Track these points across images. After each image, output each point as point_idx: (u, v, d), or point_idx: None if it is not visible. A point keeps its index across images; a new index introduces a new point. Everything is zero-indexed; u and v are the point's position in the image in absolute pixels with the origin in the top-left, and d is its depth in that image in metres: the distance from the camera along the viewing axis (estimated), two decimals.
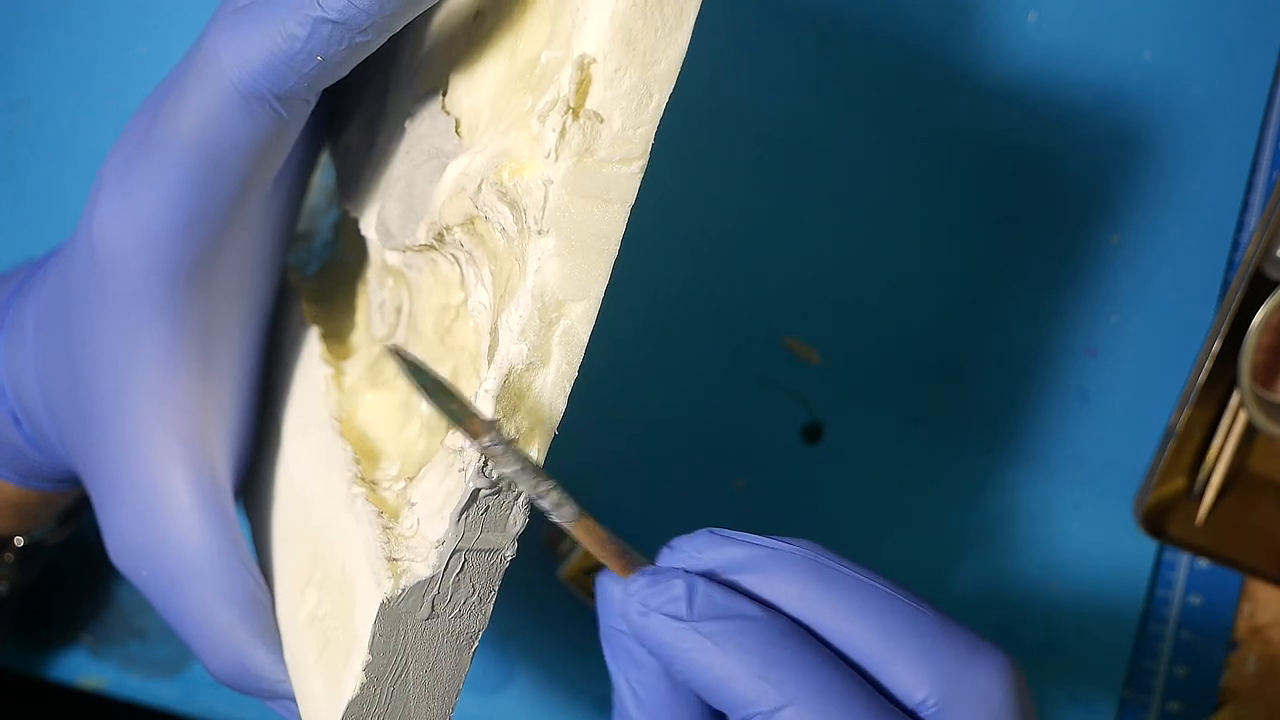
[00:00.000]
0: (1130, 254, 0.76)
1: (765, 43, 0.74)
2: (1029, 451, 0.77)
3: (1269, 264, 0.71)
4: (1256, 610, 0.78)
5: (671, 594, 0.48)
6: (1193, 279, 0.76)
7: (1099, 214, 0.76)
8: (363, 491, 0.51)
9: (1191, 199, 0.76)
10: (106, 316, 0.53)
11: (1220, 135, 0.76)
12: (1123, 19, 0.75)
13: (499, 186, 0.46)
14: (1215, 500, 0.74)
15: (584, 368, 0.47)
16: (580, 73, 0.44)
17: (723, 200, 0.75)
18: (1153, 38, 0.76)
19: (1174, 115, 0.76)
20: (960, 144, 0.75)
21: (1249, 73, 0.76)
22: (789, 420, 0.76)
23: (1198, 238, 0.76)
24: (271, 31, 0.47)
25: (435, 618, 0.48)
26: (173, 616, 0.55)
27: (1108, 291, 0.76)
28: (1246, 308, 0.72)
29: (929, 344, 0.76)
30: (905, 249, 0.75)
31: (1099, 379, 0.76)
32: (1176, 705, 0.77)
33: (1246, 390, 0.72)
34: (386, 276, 0.57)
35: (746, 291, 0.75)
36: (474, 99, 0.51)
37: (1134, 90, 0.76)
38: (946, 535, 0.76)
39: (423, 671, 0.49)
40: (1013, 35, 0.75)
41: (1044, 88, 0.75)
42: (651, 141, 0.45)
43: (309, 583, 0.53)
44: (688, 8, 0.44)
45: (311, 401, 0.57)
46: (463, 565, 0.48)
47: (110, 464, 0.55)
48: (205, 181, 0.50)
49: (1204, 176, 0.76)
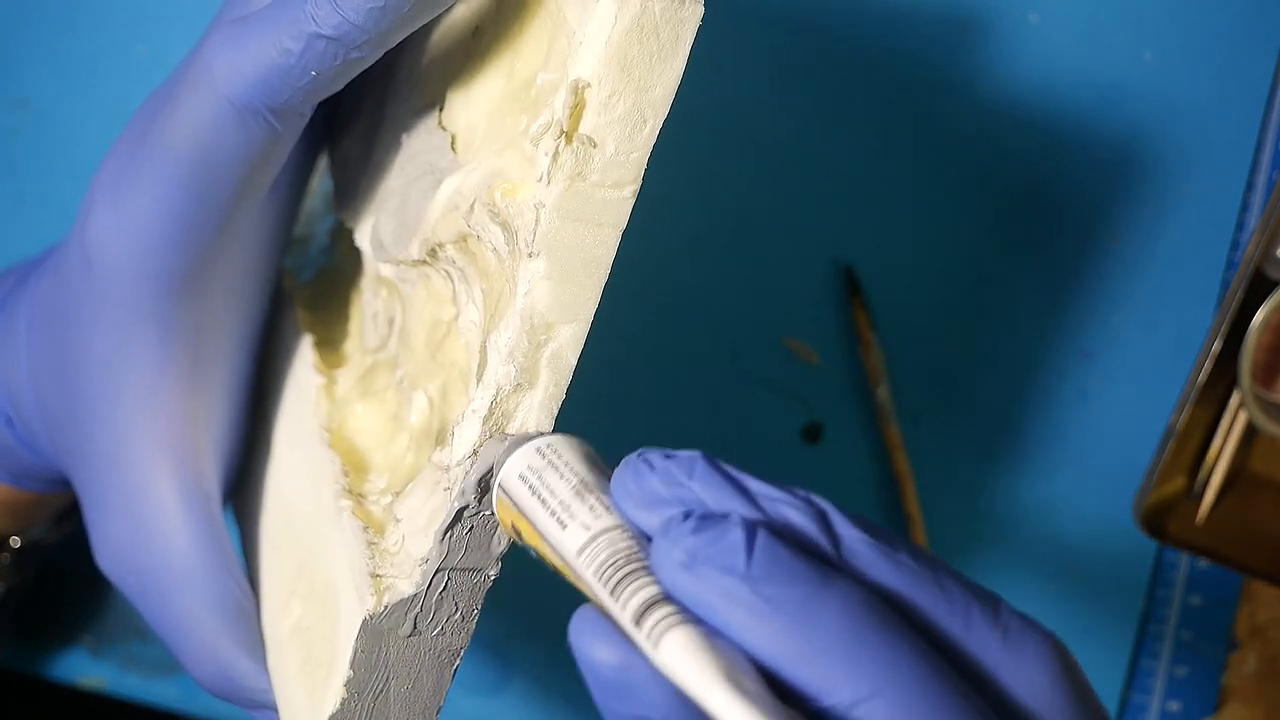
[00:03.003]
0: (1130, 254, 0.76)
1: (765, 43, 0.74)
2: (1029, 451, 0.77)
3: (1269, 264, 0.71)
4: (1256, 610, 0.78)
5: (727, 542, 0.38)
6: (1193, 279, 0.76)
7: (1099, 214, 0.76)
8: (350, 505, 0.52)
9: (1191, 199, 0.76)
10: (98, 323, 0.53)
11: (1220, 135, 0.76)
12: (1123, 19, 0.75)
13: (491, 207, 0.46)
14: (1215, 500, 0.74)
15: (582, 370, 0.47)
16: (574, 97, 0.44)
17: (723, 201, 0.75)
18: (1153, 38, 0.75)
19: (1174, 115, 0.76)
20: (960, 144, 0.75)
21: (1249, 73, 0.75)
22: (789, 420, 0.76)
23: (1198, 238, 0.76)
24: (266, 45, 0.47)
25: (418, 635, 0.48)
26: (158, 623, 0.55)
27: (1108, 291, 0.76)
28: (1246, 308, 0.71)
29: (929, 344, 0.76)
30: (905, 249, 0.75)
31: (1099, 379, 0.76)
32: (1176, 705, 0.77)
33: (1246, 390, 0.72)
34: (380, 288, 0.57)
35: (746, 291, 0.75)
36: (470, 115, 0.51)
37: (1134, 90, 0.75)
38: (946, 535, 0.76)
39: (404, 688, 0.49)
40: (1013, 35, 0.75)
41: (1044, 88, 0.75)
42: (645, 167, 0.45)
43: (294, 593, 0.53)
44: (683, 34, 0.44)
45: (302, 411, 0.57)
46: (446, 584, 0.48)
47: (99, 469, 0.55)
48: (199, 192, 0.50)
49: (1204, 176, 0.76)
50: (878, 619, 0.38)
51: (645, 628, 0.38)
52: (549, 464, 0.43)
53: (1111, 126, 0.75)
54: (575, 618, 0.39)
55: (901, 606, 0.39)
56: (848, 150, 0.75)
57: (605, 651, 0.38)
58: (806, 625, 0.37)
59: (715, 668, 0.36)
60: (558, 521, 0.41)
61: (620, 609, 0.39)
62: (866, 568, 0.40)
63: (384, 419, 0.56)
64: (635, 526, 0.41)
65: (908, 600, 0.39)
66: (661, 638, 0.37)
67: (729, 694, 0.36)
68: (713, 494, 0.40)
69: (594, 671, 0.38)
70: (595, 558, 0.40)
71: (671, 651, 0.37)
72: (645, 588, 0.39)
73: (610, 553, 0.40)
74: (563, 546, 0.41)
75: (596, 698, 0.38)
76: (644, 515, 0.40)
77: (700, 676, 0.36)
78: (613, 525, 0.41)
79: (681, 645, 0.37)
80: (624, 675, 0.37)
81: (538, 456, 0.44)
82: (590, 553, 0.40)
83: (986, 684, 0.39)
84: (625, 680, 0.37)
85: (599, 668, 0.38)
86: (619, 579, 0.39)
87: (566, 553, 0.41)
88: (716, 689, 0.36)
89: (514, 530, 0.44)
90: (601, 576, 0.39)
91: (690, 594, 0.38)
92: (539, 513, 0.42)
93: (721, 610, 0.38)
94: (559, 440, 0.44)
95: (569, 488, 0.42)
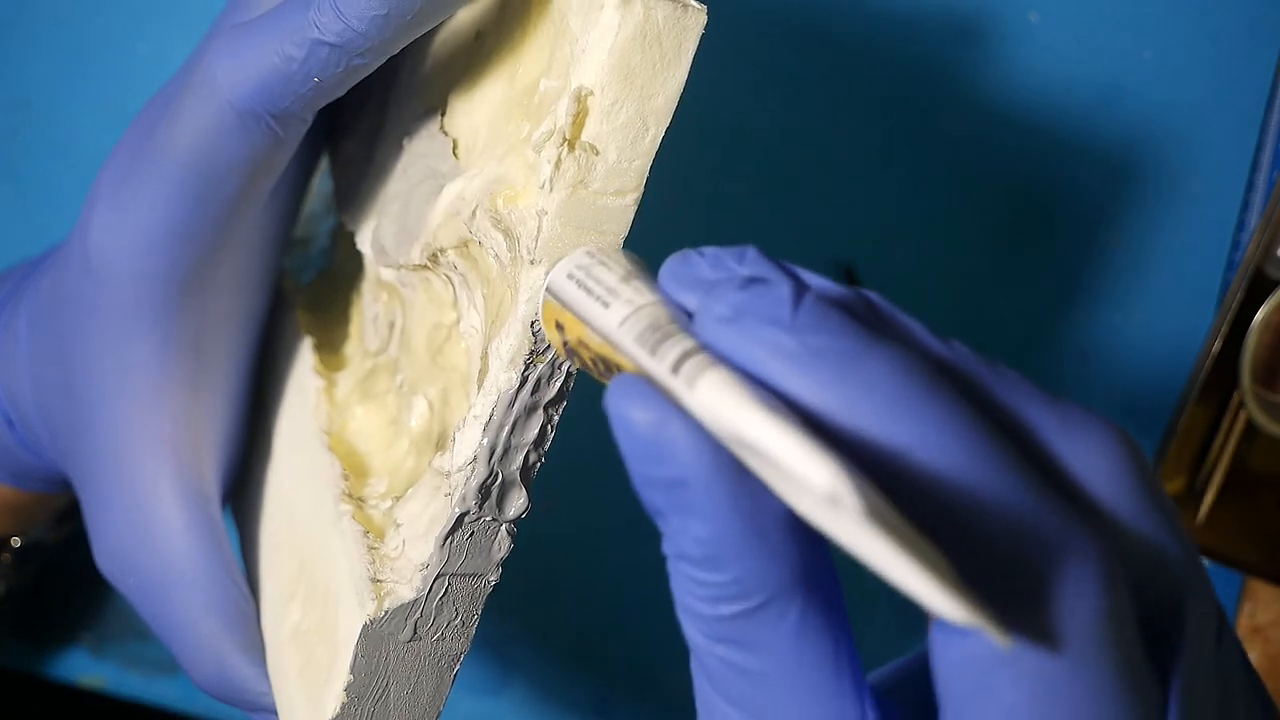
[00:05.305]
0: (1130, 254, 0.76)
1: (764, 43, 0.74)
2: None
3: (1269, 264, 0.71)
4: (1257, 610, 0.78)
5: (773, 296, 0.37)
6: (1193, 279, 0.76)
7: (1099, 214, 0.76)
8: (349, 509, 0.52)
9: (1191, 199, 0.76)
10: (99, 325, 0.53)
11: (1220, 135, 0.76)
12: (1123, 19, 0.75)
13: (493, 213, 0.46)
14: (1215, 500, 0.74)
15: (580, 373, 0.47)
16: (577, 105, 0.44)
17: (723, 201, 0.75)
18: (1153, 38, 0.75)
19: (1174, 115, 0.76)
20: (960, 144, 0.75)
21: (1249, 73, 0.75)
22: None
23: (1198, 238, 0.76)
24: (268, 51, 0.47)
25: (418, 640, 0.48)
26: (158, 624, 0.55)
27: (1108, 291, 0.76)
28: (1246, 308, 0.71)
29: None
30: (904, 249, 0.75)
31: (1099, 379, 0.76)
32: None
33: (1247, 390, 0.72)
34: (381, 291, 0.57)
35: None
36: (472, 120, 0.51)
37: (1134, 90, 0.75)
38: None
39: (404, 693, 0.49)
40: (1013, 36, 0.75)
41: (1044, 87, 0.75)
42: (646, 175, 0.45)
43: (294, 596, 0.53)
44: (686, 43, 0.44)
45: (303, 414, 0.57)
46: (446, 589, 0.48)
47: (99, 470, 0.55)
48: (200, 196, 0.50)
49: (1204, 176, 0.76)
50: (928, 378, 0.35)
51: (683, 373, 0.36)
52: (598, 262, 0.43)
53: (1111, 126, 0.75)
54: (612, 384, 0.37)
55: (954, 377, 0.37)
56: (847, 150, 0.75)
57: (640, 410, 0.36)
58: (851, 377, 0.35)
59: (752, 397, 0.34)
60: (601, 303, 0.40)
61: (658, 363, 0.37)
62: (919, 340, 0.38)
63: (384, 423, 0.56)
64: (681, 307, 0.39)
65: (961, 372, 0.38)
66: (698, 377, 0.36)
67: (766, 416, 0.34)
68: (762, 273, 0.38)
69: (628, 432, 0.36)
70: (636, 326, 0.38)
71: (708, 388, 0.35)
72: (686, 342, 0.37)
73: (652, 320, 0.38)
74: (605, 324, 0.40)
75: (630, 465, 0.37)
76: (690, 296, 0.39)
77: (736, 405, 0.34)
78: (657, 301, 0.39)
79: (718, 381, 0.35)
80: (658, 433, 0.35)
81: (587, 258, 0.43)
82: (631, 322, 0.39)
83: (1042, 459, 0.37)
84: (659, 439, 0.35)
85: (633, 427, 0.36)
86: (658, 339, 0.38)
87: (608, 329, 0.40)
88: (753, 412, 0.34)
89: (556, 328, 0.43)
90: (641, 339, 0.38)
91: (732, 346, 0.36)
92: (583, 300, 0.41)
93: (764, 361, 0.36)
94: (608, 247, 0.44)
95: (616, 277, 0.41)
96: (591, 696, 0.76)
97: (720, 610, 0.37)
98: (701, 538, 0.36)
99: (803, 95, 0.75)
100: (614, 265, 0.42)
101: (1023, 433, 0.37)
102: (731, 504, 0.35)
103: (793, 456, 0.33)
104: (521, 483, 0.48)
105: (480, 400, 0.46)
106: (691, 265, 0.39)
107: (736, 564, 0.36)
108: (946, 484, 0.35)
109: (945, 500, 0.35)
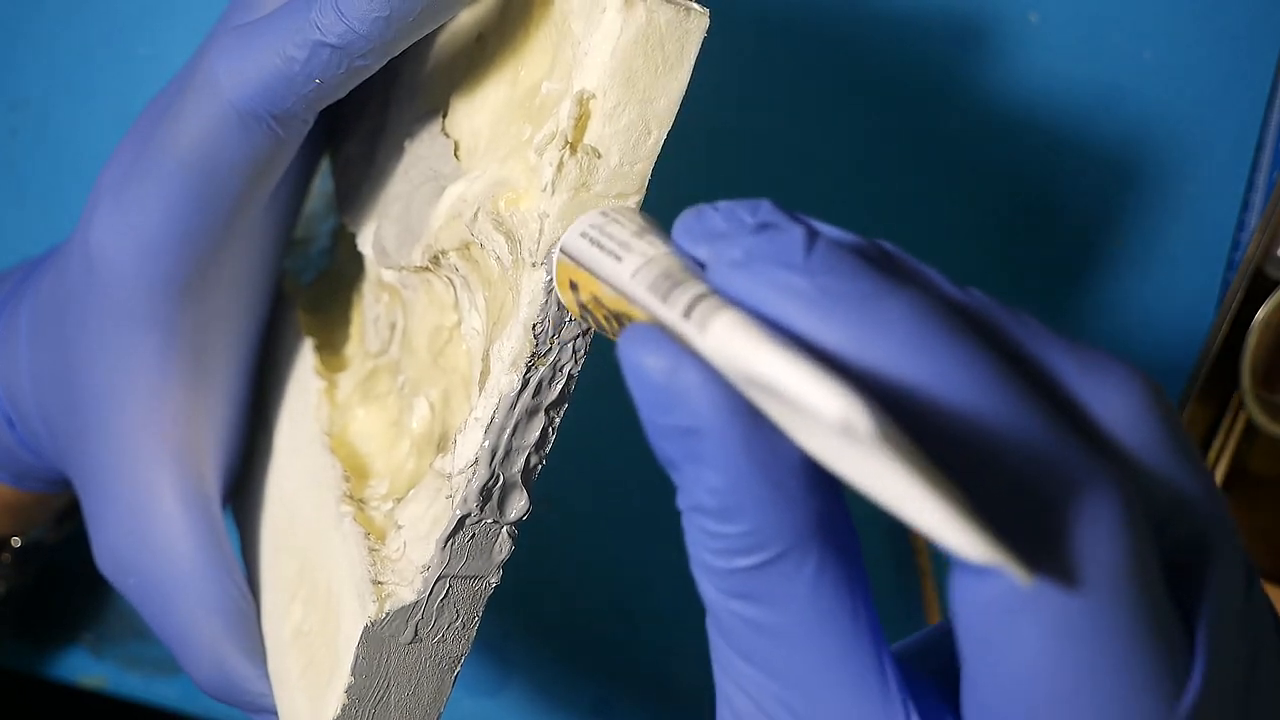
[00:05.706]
0: (1130, 254, 0.76)
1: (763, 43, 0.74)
2: None
3: (1269, 264, 0.71)
4: None
5: (786, 239, 0.36)
6: (1193, 279, 0.76)
7: (1098, 214, 0.76)
8: (351, 511, 0.52)
9: (1191, 199, 0.76)
10: (99, 326, 0.53)
11: (1220, 135, 0.76)
12: (1123, 19, 0.75)
13: (495, 216, 0.46)
14: None
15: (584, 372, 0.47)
16: (579, 108, 0.44)
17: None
18: (1153, 38, 0.75)
19: (1174, 115, 0.76)
20: (960, 144, 0.75)
21: (1249, 73, 0.75)
22: None
23: (1198, 238, 0.76)
24: (270, 52, 0.47)
25: (418, 642, 0.48)
26: (158, 625, 0.55)
27: (1107, 291, 0.76)
28: (1246, 308, 0.71)
29: None
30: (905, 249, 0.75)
31: None
32: None
33: (1247, 390, 0.72)
34: (382, 292, 0.57)
35: None
36: (474, 122, 0.51)
37: (1134, 90, 0.75)
38: None
39: (405, 694, 0.49)
40: (1013, 36, 0.75)
41: (1044, 88, 0.75)
42: (648, 178, 0.45)
43: (295, 597, 0.54)
44: (688, 46, 0.44)
45: (304, 415, 0.57)
46: (447, 591, 0.48)
47: (99, 470, 0.55)
48: (202, 197, 0.50)
49: (1204, 176, 0.76)
50: (946, 320, 0.35)
51: (695, 317, 0.36)
52: (611, 220, 0.42)
53: (1111, 126, 0.75)
54: (624, 333, 0.36)
55: (973, 321, 0.37)
56: (847, 151, 0.75)
57: (653, 357, 0.35)
58: (868, 318, 0.35)
59: (765, 336, 0.34)
60: (614, 257, 0.40)
61: (670, 309, 0.37)
62: (936, 285, 0.39)
63: (385, 424, 0.56)
64: (693, 259, 0.39)
65: (980, 317, 0.37)
66: (710, 319, 0.35)
67: (778, 350, 0.33)
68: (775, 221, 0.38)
69: (640, 378, 0.36)
70: (649, 275, 0.38)
71: (720, 329, 0.35)
72: (698, 287, 0.37)
73: (665, 269, 0.38)
74: (617, 276, 0.40)
75: (642, 413, 0.36)
76: (703, 248, 0.38)
77: (748, 344, 0.34)
78: (669, 252, 0.39)
79: (731, 321, 0.35)
80: (671, 380, 0.35)
81: (601, 217, 0.43)
82: (644, 272, 0.39)
83: (1063, 402, 0.37)
84: (671, 385, 0.35)
85: (646, 374, 0.35)
86: (670, 285, 0.37)
87: (620, 280, 0.39)
88: (764, 348, 0.33)
89: (570, 288, 0.43)
90: (654, 287, 0.38)
91: (745, 289, 0.36)
92: (596, 255, 0.41)
93: (777, 304, 0.35)
94: (622, 206, 0.44)
95: (629, 232, 0.41)
96: (591, 697, 0.76)
97: (736, 563, 0.36)
98: (716, 488, 0.35)
99: (803, 97, 0.75)
100: (627, 222, 0.42)
101: (1043, 376, 0.37)
102: (746, 452, 0.35)
103: (804, 387, 0.32)
104: (523, 485, 0.48)
105: (482, 402, 0.46)
106: (705, 219, 0.39)
107: (752, 514, 0.35)
108: (965, 421, 0.34)
109: (964, 437, 0.34)
